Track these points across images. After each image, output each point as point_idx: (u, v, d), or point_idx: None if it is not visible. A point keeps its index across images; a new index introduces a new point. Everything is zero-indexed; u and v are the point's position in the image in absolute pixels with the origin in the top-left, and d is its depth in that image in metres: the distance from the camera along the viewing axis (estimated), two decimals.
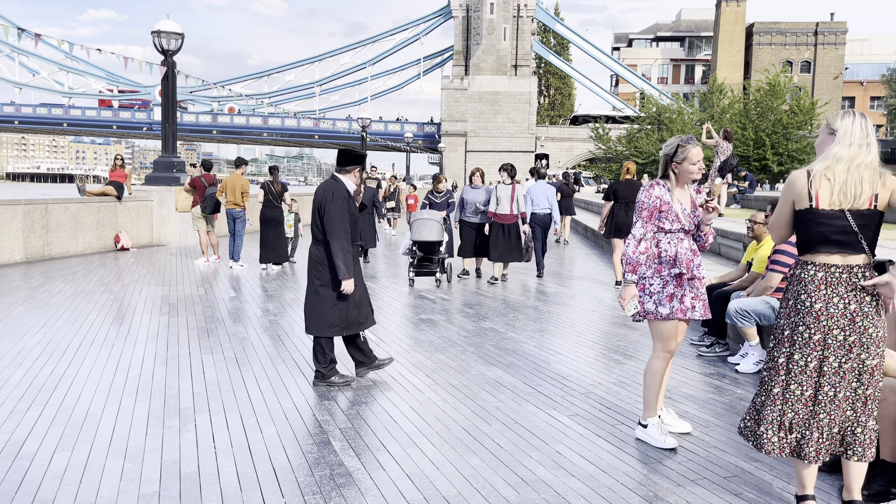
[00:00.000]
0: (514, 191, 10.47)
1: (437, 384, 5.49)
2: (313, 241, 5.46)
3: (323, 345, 5.39)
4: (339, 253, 5.20)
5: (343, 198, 5.31)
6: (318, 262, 5.37)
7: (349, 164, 5.49)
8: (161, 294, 9.54)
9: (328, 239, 5.26)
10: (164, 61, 16.48)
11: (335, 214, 5.24)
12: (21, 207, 12.71)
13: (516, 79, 74.09)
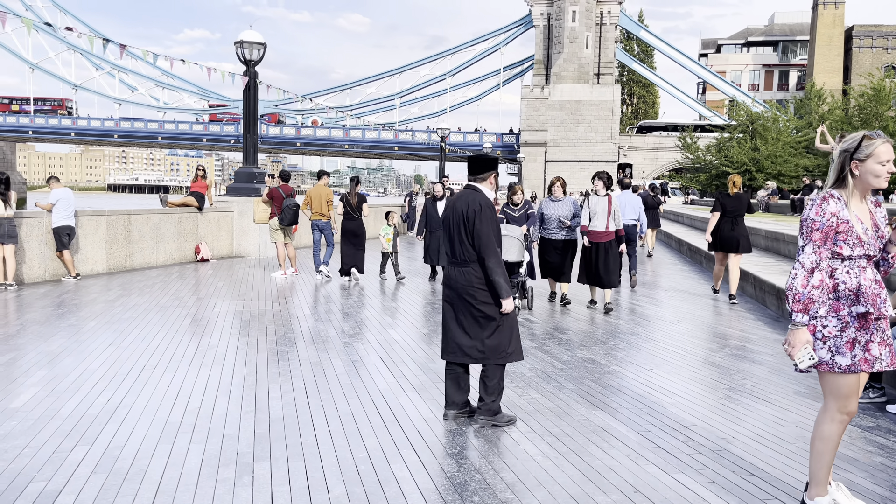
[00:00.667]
0: (611, 203, 9.26)
1: (533, 431, 4.66)
2: (456, 264, 4.76)
3: (493, 374, 4.73)
4: (498, 269, 4.62)
5: (492, 209, 4.71)
6: (473, 286, 4.68)
7: (484, 170, 4.87)
8: (235, 310, 9.12)
9: (482, 256, 4.63)
10: (247, 71, 16.39)
11: (487, 228, 4.63)
12: (104, 218, 12.71)
13: (598, 87, 72.39)
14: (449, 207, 4.82)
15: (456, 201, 4.77)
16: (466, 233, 4.68)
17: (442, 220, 4.93)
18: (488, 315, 4.70)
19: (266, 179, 15.75)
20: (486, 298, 4.70)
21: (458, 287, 4.74)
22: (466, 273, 4.71)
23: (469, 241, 4.68)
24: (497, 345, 4.71)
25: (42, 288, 10.69)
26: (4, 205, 10.43)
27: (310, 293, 10.72)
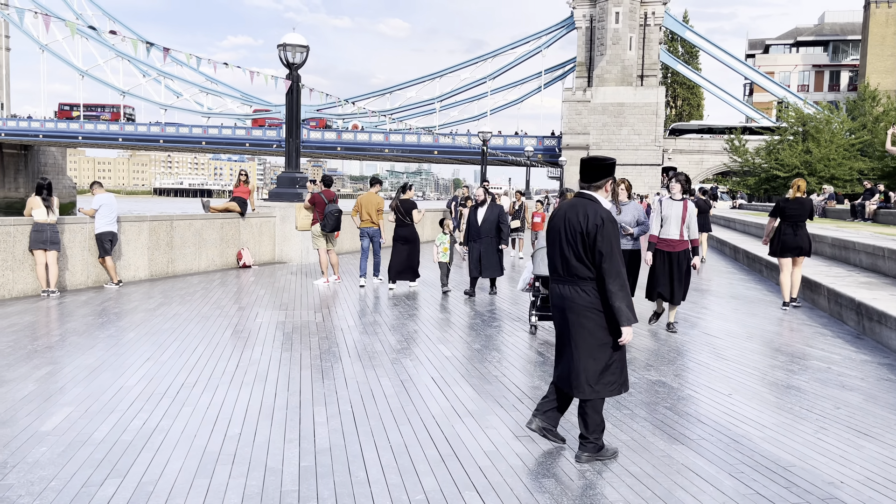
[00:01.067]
0: (686, 209, 8.28)
1: (610, 470, 4.14)
2: (568, 282, 4.22)
3: (597, 408, 4.24)
4: (621, 293, 4.08)
5: (614, 223, 4.17)
6: (589, 308, 4.17)
7: (600, 176, 4.29)
8: (277, 320, 8.77)
9: (603, 276, 4.09)
10: (289, 75, 16.16)
11: (611, 247, 4.08)
12: (147, 224, 12.55)
13: (642, 89, 71.10)
14: (558, 217, 4.29)
15: (567, 212, 4.23)
16: (586, 249, 4.13)
17: (549, 232, 4.40)
18: (604, 342, 4.19)
19: (308, 185, 15.47)
20: (604, 323, 4.18)
21: (577, 309, 4.19)
22: (585, 292, 4.17)
23: (588, 258, 4.14)
24: (609, 377, 4.21)
25: (84, 295, 10.53)
26: (47, 210, 10.30)
27: (353, 303, 10.34)
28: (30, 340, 7.33)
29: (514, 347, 7.46)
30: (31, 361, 6.45)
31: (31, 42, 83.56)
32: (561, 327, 4.30)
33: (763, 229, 21.31)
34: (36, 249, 10.22)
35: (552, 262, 4.33)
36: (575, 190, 8.92)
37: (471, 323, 8.87)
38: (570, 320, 4.20)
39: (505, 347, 7.44)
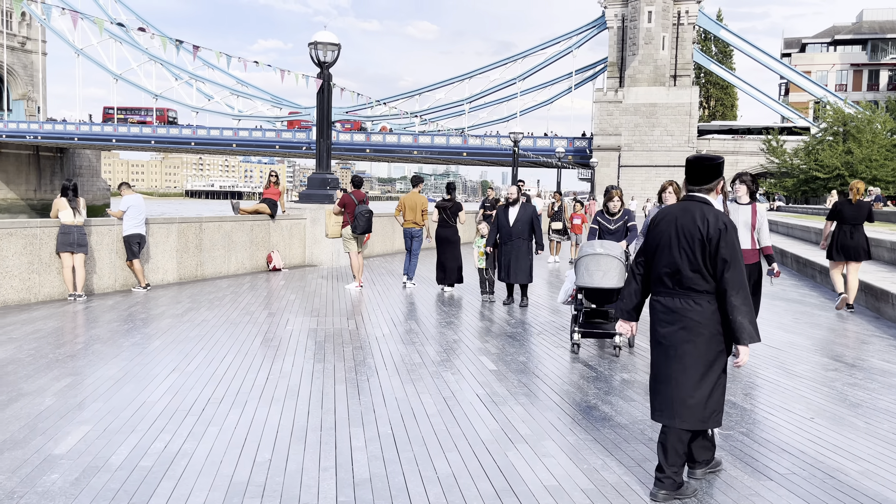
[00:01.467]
0: (756, 214, 7.44)
1: None
2: (681, 294, 3.71)
3: (684, 438, 3.72)
4: (745, 307, 3.58)
5: (735, 228, 3.68)
6: (704, 324, 3.66)
7: (712, 177, 3.78)
8: (308, 327, 8.34)
9: (725, 287, 3.59)
10: (321, 73, 15.80)
11: (737, 252, 3.59)
12: (175, 226, 12.25)
13: (675, 89, 69.88)
14: (666, 222, 3.78)
15: (679, 216, 3.72)
16: (705, 258, 3.61)
17: (651, 238, 3.85)
18: (716, 363, 3.68)
19: (337, 193, 15.07)
20: (719, 342, 3.67)
21: (689, 324, 3.66)
22: (700, 305, 3.65)
23: (708, 268, 3.62)
24: (713, 404, 3.70)
25: (111, 299, 10.23)
26: (74, 212, 10.02)
27: (387, 309, 9.88)
28: (52, 348, 6.99)
29: (562, 361, 6.92)
30: (51, 372, 6.09)
31: (66, 47, 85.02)
32: (674, 348, 3.73)
33: (809, 232, 20.44)
34: (63, 252, 9.95)
35: (656, 271, 3.79)
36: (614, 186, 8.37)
37: (512, 333, 8.34)
38: (680, 338, 3.67)
39: (552, 361, 6.91)
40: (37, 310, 9.20)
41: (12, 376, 5.93)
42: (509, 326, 8.71)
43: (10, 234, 9.45)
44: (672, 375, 3.71)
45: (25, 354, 6.69)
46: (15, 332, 7.71)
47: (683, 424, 3.66)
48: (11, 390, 5.53)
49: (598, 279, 7.02)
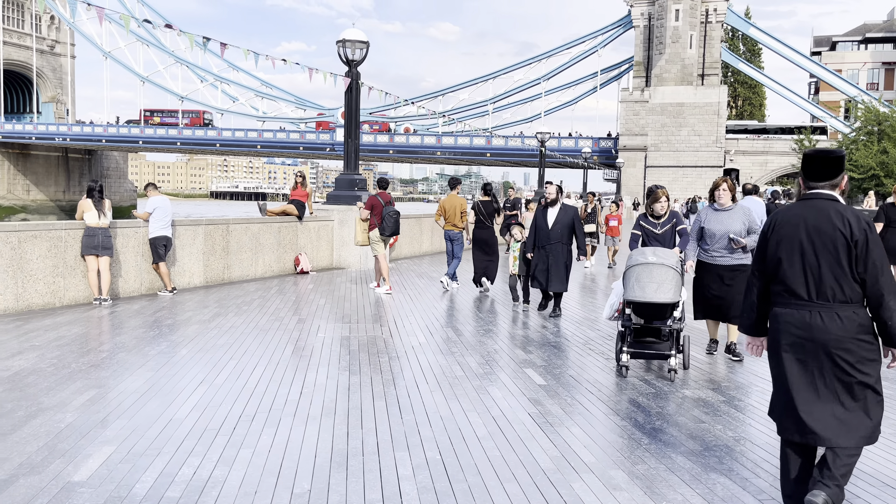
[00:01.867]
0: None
1: None
2: (820, 306, 3.27)
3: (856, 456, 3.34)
4: None
5: (874, 228, 3.28)
6: (854, 338, 3.23)
7: (838, 171, 3.37)
8: (341, 335, 7.94)
9: (879, 293, 3.18)
10: (349, 72, 15.45)
11: (883, 256, 3.18)
12: (202, 228, 11.95)
13: (703, 88, 68.76)
14: (792, 225, 3.33)
15: (808, 217, 3.29)
16: (852, 262, 3.17)
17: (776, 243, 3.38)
18: (868, 381, 3.25)
19: (358, 205, 14.73)
20: (872, 355, 3.24)
21: (826, 339, 3.23)
22: (844, 319, 3.21)
23: (853, 273, 3.18)
24: (876, 421, 3.29)
25: (137, 303, 9.93)
26: (99, 214, 9.73)
27: (421, 314, 9.45)
28: (76, 357, 6.66)
29: (613, 375, 6.43)
30: (74, 383, 5.75)
31: (93, 51, 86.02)
32: (807, 363, 3.30)
33: None
34: (88, 255, 9.66)
35: (782, 281, 3.32)
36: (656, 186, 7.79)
37: (556, 343, 7.87)
38: (827, 354, 3.24)
39: (603, 375, 6.43)
40: (61, 314, 8.91)
41: (33, 388, 5.59)
42: (551, 335, 8.23)
43: (34, 237, 9.19)
44: (809, 394, 3.27)
45: (47, 364, 6.37)
46: (38, 339, 7.41)
47: (850, 442, 3.23)
48: (31, 405, 5.19)
49: (652, 293, 6.05)
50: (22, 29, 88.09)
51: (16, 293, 8.99)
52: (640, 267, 6.18)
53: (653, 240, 7.30)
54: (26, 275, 9.11)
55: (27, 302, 9.14)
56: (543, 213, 9.52)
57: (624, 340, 6.39)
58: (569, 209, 9.49)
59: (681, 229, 7.48)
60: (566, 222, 9.33)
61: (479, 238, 11.45)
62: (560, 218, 9.36)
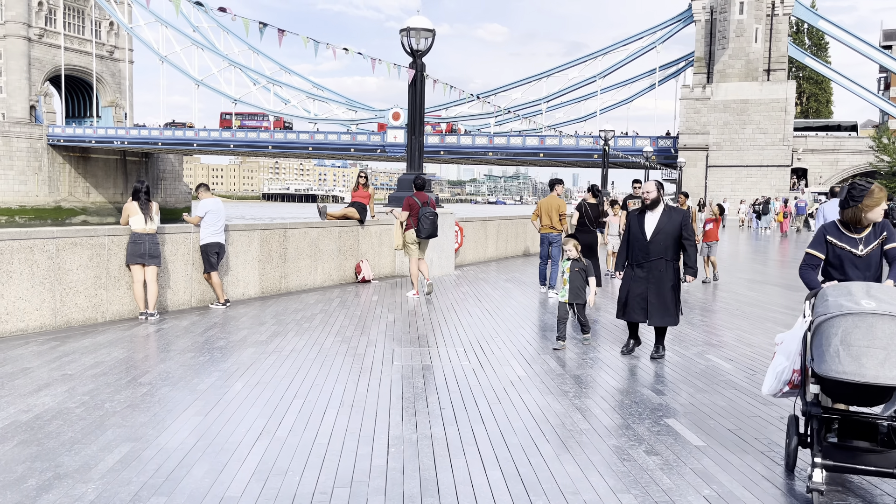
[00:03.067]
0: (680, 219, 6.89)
1: None
2: None
3: None
4: None
5: None
6: None
7: None
8: (421, 363, 6.65)
9: None
10: (413, 63, 14.22)
11: None
12: (258, 233, 10.85)
13: (769, 84, 65.65)
14: None
15: None
16: None
17: None
18: None
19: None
20: None
21: None
22: None
23: None
24: None
25: (186, 318, 8.85)
26: (146, 218, 8.68)
27: (507, 335, 8.08)
28: (112, 392, 5.54)
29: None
30: (104, 433, 4.59)
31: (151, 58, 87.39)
32: None
33: None
34: (133, 264, 8.63)
35: None
36: None
37: (686, 377, 6.41)
38: None
39: (781, 431, 4.96)
40: (102, 332, 7.87)
41: (54, 441, 4.45)
42: (683, 373, 6.78)
43: (74, 244, 8.18)
44: None
45: (77, 403, 5.24)
46: (72, 366, 6.34)
47: None
48: (47, 467, 4.04)
49: (875, 367, 3.56)
50: (83, 35, 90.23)
51: (53, 308, 7.99)
52: (849, 319, 3.68)
53: (850, 265, 4.61)
54: (65, 287, 8.10)
55: (66, 317, 8.13)
56: (639, 219, 7.06)
57: (819, 438, 3.81)
58: (675, 213, 7.08)
59: (890, 248, 4.61)
60: (671, 231, 6.88)
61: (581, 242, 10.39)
62: (663, 225, 6.89)
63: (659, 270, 6.84)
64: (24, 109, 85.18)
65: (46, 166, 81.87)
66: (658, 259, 6.85)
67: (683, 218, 6.97)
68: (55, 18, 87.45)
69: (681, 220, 6.93)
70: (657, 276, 6.84)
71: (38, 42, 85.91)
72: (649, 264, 6.87)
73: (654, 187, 6.98)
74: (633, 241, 7.03)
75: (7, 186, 78.13)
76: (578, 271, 7.41)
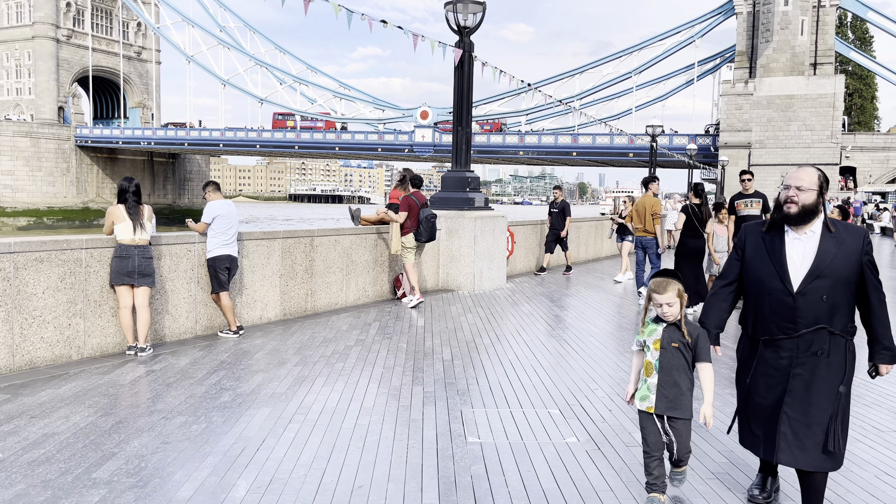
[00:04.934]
0: None
1: None
2: None
3: None
4: None
5: None
6: None
7: None
8: (500, 440, 4.63)
9: None
10: (460, 41, 12.20)
11: None
12: (279, 242, 8.89)
13: (816, 79, 62.57)
14: None
15: None
16: None
17: None
18: None
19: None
20: None
21: None
22: None
23: None
24: None
25: (187, 354, 6.91)
26: (135, 226, 6.77)
27: (608, 376, 6.01)
28: (60, 494, 3.59)
29: None
30: None
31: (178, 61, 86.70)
32: None
33: None
34: (119, 285, 6.72)
35: None
36: None
37: None
38: None
39: None
40: (72, 378, 5.95)
41: None
42: None
43: (39, 261, 6.28)
44: None
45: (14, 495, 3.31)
46: (7, 443, 4.42)
47: None
48: None
49: None
50: (110, 36, 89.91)
51: (10, 344, 6.08)
52: None
53: None
54: (27, 316, 6.20)
55: (28, 356, 6.23)
56: (773, 243, 3.55)
57: None
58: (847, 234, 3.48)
59: None
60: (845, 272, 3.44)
61: (691, 248, 9.93)
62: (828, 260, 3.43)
63: (815, 354, 3.45)
64: (53, 111, 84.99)
65: (74, 167, 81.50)
66: (819, 329, 3.43)
67: (863, 245, 3.49)
68: (83, 19, 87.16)
69: (860, 248, 3.48)
70: (810, 367, 3.46)
71: (66, 43, 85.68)
72: (802, 339, 3.44)
73: (813, 179, 3.47)
74: (757, 290, 3.58)
75: (35, 188, 77.82)
76: (679, 349, 3.50)
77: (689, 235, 10.02)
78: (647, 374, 3.56)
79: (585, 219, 19.32)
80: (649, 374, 3.54)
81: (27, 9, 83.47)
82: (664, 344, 3.50)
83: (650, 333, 3.57)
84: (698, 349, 3.49)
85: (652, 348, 3.54)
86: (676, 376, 3.49)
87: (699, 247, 9.96)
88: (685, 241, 10.02)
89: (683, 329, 3.49)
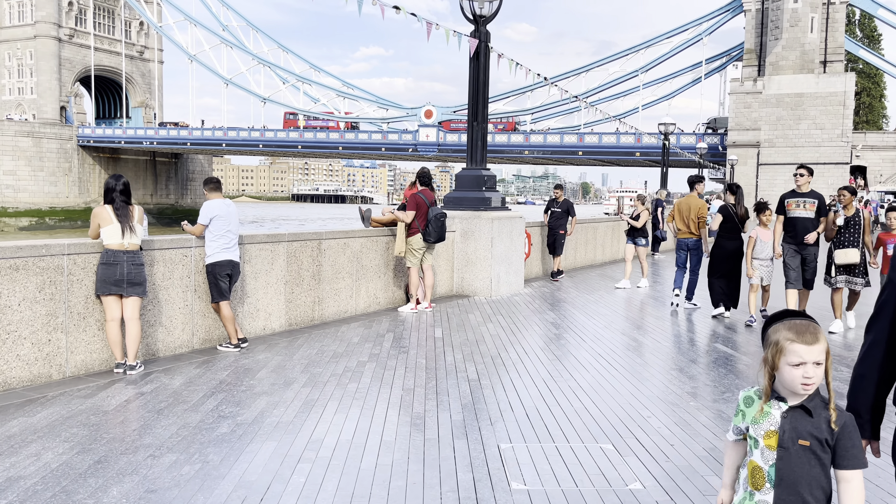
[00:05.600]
0: None
1: None
2: None
3: None
4: None
5: None
6: None
7: None
8: (547, 481, 3.89)
9: None
10: (475, 31, 11.46)
11: None
12: (284, 246, 8.15)
13: (826, 77, 61.72)
14: None
15: None
16: None
17: None
18: None
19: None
20: None
21: None
22: None
23: None
24: None
25: (182, 372, 6.18)
26: (123, 229, 6.04)
27: (649, 393, 5.27)
28: None
29: None
30: None
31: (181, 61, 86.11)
32: None
33: None
34: (106, 295, 5.99)
35: None
36: None
37: None
38: None
39: None
40: (49, 403, 5.22)
41: None
42: None
43: (14, 269, 5.55)
44: None
45: None
46: None
47: None
48: None
49: None
50: (113, 35, 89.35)
51: None
52: None
53: None
54: (0, 332, 5.47)
55: (1, 377, 5.49)
56: None
57: None
58: None
59: None
60: None
61: (727, 250, 9.42)
62: None
63: None
64: (55, 110, 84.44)
65: (77, 167, 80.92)
66: None
67: None
68: (85, 18, 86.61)
69: None
70: None
71: (68, 42, 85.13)
72: None
73: None
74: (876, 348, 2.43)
75: (37, 188, 77.25)
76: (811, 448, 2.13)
77: (726, 237, 9.49)
78: (754, 486, 2.18)
79: (601, 219, 18.57)
80: (759, 487, 2.17)
81: (29, 8, 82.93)
82: (785, 441, 2.12)
83: (761, 419, 2.17)
84: (841, 446, 2.11)
85: (762, 444, 2.16)
86: (807, 495, 2.11)
87: (738, 248, 9.44)
88: (722, 242, 9.52)
89: (832, 408, 2.12)
